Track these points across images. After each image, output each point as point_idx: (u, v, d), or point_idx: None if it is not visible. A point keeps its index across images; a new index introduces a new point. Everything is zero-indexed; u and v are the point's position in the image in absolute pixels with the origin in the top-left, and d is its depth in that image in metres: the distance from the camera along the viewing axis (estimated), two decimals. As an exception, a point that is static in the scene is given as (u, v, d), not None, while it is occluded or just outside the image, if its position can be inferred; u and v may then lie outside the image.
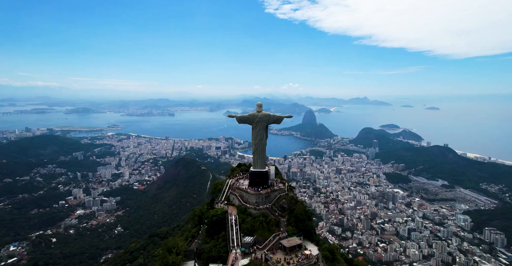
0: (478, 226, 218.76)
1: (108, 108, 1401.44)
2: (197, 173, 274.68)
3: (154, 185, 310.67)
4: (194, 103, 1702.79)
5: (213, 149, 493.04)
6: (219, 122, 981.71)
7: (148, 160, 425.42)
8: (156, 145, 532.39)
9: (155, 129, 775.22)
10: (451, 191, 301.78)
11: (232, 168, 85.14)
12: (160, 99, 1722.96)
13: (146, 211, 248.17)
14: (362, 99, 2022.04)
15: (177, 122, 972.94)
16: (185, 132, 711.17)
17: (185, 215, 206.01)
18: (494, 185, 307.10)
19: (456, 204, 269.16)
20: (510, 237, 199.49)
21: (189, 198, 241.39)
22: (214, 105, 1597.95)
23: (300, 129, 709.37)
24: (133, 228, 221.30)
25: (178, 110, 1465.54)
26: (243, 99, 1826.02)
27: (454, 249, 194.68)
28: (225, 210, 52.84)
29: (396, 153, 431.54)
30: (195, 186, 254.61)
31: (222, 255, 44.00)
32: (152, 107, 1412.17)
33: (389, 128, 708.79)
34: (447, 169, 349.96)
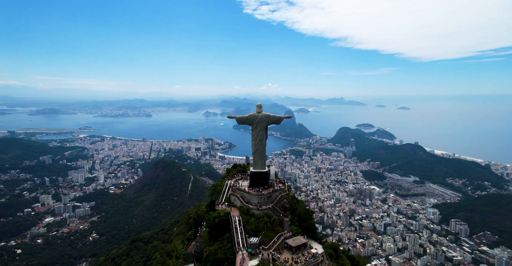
0: (445, 218, 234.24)
1: (79, 109, 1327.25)
2: (177, 175, 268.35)
3: (131, 188, 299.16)
4: (172, 104, 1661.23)
5: (193, 150, 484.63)
6: (198, 123, 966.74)
7: (124, 162, 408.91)
8: (132, 147, 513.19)
9: (131, 130, 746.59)
10: (421, 187, 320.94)
11: (228, 169, 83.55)
12: (136, 100, 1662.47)
13: (124, 216, 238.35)
14: (339, 99, 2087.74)
15: (155, 123, 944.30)
16: (163, 133, 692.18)
17: (165, 218, 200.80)
18: (458, 179, 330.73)
19: (426, 198, 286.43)
20: (472, 227, 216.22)
21: (169, 200, 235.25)
22: (193, 106, 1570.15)
23: (280, 129, 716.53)
24: (109, 234, 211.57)
25: (155, 110, 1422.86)
26: (222, 99, 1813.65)
27: (425, 241, 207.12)
28: (227, 212, 52.49)
29: (372, 151, 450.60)
30: (175, 189, 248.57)
31: (229, 257, 43.95)
32: (127, 107, 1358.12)
33: (365, 127, 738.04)
34: (418, 166, 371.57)
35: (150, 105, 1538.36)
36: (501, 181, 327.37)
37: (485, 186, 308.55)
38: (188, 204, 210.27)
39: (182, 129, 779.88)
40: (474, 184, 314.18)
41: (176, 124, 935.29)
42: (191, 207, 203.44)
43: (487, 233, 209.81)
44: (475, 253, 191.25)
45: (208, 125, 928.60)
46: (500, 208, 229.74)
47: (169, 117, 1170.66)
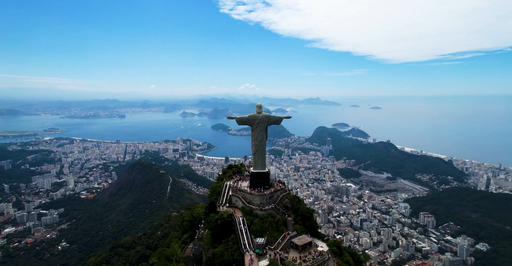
0: (415, 211, 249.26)
1: (43, 109, 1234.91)
2: (155, 177, 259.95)
3: (106, 192, 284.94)
4: (147, 104, 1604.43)
5: (170, 151, 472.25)
6: (175, 124, 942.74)
7: (97, 165, 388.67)
8: (105, 149, 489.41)
9: (103, 132, 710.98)
10: (394, 183, 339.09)
11: (224, 170, 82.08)
12: (108, 100, 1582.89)
13: (98, 222, 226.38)
14: (315, 99, 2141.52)
15: (129, 124, 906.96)
16: (138, 134, 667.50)
17: (144, 222, 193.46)
18: (425, 174, 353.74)
19: (398, 193, 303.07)
20: (438, 219, 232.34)
21: (147, 204, 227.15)
22: (169, 106, 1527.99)
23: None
24: (82, 242, 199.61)
25: (129, 111, 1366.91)
26: (200, 100, 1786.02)
27: (397, 234, 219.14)
28: (230, 213, 51.98)
29: (347, 149, 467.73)
30: (153, 191, 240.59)
31: (237, 258, 43.73)
32: (98, 108, 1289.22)
33: (340, 126, 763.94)
34: (390, 163, 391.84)
35: (124, 106, 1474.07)
36: (462, 175, 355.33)
37: (448, 180, 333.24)
38: (168, 207, 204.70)
39: (158, 130, 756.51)
40: (439, 178, 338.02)
41: (151, 125, 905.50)
42: (171, 210, 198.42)
43: (450, 224, 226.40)
44: (440, 242, 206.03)
45: (185, 125, 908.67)
46: (461, 200, 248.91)
47: (144, 118, 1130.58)
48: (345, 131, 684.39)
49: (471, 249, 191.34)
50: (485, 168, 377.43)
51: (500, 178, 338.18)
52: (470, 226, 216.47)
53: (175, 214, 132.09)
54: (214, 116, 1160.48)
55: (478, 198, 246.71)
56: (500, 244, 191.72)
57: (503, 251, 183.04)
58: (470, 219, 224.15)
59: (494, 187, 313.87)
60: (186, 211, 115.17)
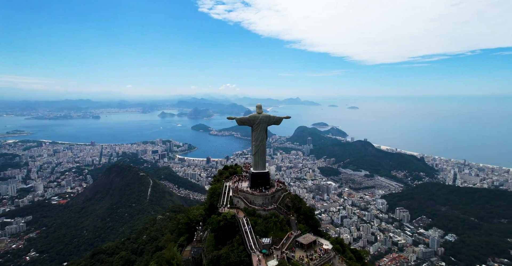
0: (391, 207, 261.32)
1: (4, 110, 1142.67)
2: (134, 180, 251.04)
3: (80, 197, 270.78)
4: (123, 104, 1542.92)
5: (150, 153, 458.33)
6: (154, 124, 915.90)
7: (69, 169, 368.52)
8: (79, 152, 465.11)
9: (76, 133, 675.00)
10: (371, 180, 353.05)
11: (220, 171, 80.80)
12: (81, 100, 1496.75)
13: (72, 228, 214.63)
14: (295, 100, 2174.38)
15: (104, 126, 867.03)
16: (114, 136, 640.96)
17: (123, 226, 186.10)
18: (400, 171, 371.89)
19: (375, 190, 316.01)
20: (412, 213, 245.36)
21: (126, 208, 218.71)
22: (147, 106, 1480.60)
23: (240, 129, 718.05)
24: (53, 251, 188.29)
25: (104, 112, 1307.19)
26: (179, 100, 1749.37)
27: (375, 229, 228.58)
28: (233, 214, 51.50)
29: (327, 148, 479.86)
30: (133, 194, 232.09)
31: (244, 259, 43.44)
32: (70, 108, 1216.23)
33: (320, 126, 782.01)
34: (367, 161, 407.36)
35: (98, 106, 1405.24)
36: (432, 171, 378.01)
37: (421, 176, 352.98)
38: (149, 210, 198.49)
39: (136, 131, 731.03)
40: (412, 175, 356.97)
41: (129, 126, 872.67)
42: (152, 213, 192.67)
43: (423, 217, 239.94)
44: (414, 235, 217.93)
45: (164, 126, 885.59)
46: (432, 195, 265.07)
47: (121, 119, 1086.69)
48: (324, 130, 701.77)
49: (441, 240, 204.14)
50: (452, 164, 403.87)
51: (465, 173, 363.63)
52: (440, 219, 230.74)
53: (161, 217, 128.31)
54: (194, 116, 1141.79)
55: (446, 192, 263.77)
56: (465, 234, 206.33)
57: (468, 241, 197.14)
58: (440, 212, 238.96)
59: (460, 182, 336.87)
60: (171, 213, 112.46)
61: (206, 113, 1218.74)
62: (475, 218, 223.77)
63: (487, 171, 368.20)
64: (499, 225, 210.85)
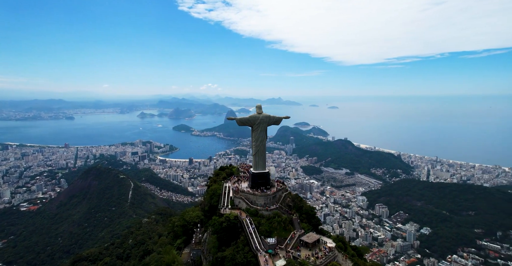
0: (371, 203, 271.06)
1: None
2: (114, 182, 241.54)
3: (53, 202, 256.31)
4: (99, 105, 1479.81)
5: (129, 155, 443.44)
6: (133, 125, 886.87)
7: (40, 173, 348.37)
8: (51, 154, 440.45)
9: (48, 135, 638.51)
10: (352, 177, 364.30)
11: (216, 172, 79.36)
12: (52, 100, 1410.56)
13: (44, 236, 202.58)
14: (277, 100, 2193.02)
15: (79, 127, 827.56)
16: (91, 137, 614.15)
17: (103, 231, 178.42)
18: (379, 169, 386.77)
19: (356, 188, 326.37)
20: (391, 209, 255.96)
21: (106, 212, 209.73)
22: (126, 107, 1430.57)
23: (222, 130, 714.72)
24: (23, 261, 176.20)
25: (79, 112, 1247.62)
26: (159, 100, 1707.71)
27: (357, 226, 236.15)
28: (236, 215, 51.03)
29: (309, 148, 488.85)
30: (113, 198, 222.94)
31: (251, 260, 43.37)
32: (40, 109, 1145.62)
33: (302, 125, 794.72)
34: (348, 159, 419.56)
35: (72, 106, 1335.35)
36: (408, 168, 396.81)
37: (398, 173, 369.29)
38: (130, 214, 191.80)
39: (114, 133, 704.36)
40: (390, 172, 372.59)
41: (106, 127, 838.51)
42: (134, 216, 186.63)
43: (401, 212, 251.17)
44: (393, 230, 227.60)
45: (144, 127, 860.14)
46: (409, 191, 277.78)
47: (98, 120, 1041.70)
48: (306, 130, 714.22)
49: (417, 234, 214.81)
50: (425, 160, 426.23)
51: (437, 169, 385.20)
52: (416, 213, 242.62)
53: (147, 221, 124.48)
54: (175, 116, 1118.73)
55: (422, 188, 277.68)
56: (438, 227, 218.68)
57: (441, 233, 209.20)
58: (416, 207, 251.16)
59: (433, 177, 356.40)
60: (157, 216, 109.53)
61: (188, 113, 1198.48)
62: (447, 211, 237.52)
63: (456, 167, 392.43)
64: (467, 217, 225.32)
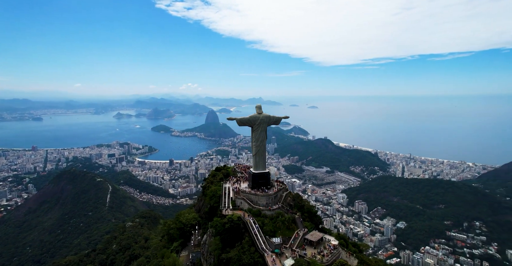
0: (351, 200, 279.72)
1: None
2: (90, 186, 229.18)
3: (20, 209, 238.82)
4: (72, 105, 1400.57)
5: (105, 157, 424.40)
6: (109, 126, 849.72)
7: (4, 178, 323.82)
8: (16, 158, 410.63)
9: (11, 138, 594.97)
10: (332, 175, 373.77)
11: (213, 173, 77.94)
12: (16, 100, 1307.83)
13: (10, 246, 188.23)
14: (258, 99, 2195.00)
15: (49, 128, 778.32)
16: (62, 139, 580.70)
17: (79, 238, 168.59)
18: (358, 166, 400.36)
19: (336, 185, 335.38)
20: (369, 205, 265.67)
21: (81, 217, 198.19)
22: (100, 107, 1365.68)
23: (203, 130, 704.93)
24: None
25: (48, 113, 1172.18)
26: (136, 100, 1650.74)
27: (338, 223, 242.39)
28: (239, 216, 50.73)
29: (291, 147, 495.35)
30: (89, 202, 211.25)
31: (258, 260, 43.37)
32: (2, 109, 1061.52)
33: (283, 125, 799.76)
34: (328, 158, 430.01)
35: (40, 107, 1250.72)
36: (385, 165, 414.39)
37: (375, 170, 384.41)
38: (109, 218, 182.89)
39: (88, 134, 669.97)
40: (368, 169, 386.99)
41: (79, 128, 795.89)
42: (113, 220, 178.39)
43: (378, 208, 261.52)
44: (372, 225, 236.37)
45: (121, 128, 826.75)
46: (386, 187, 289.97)
47: (69, 121, 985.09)
48: (287, 129, 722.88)
49: (394, 228, 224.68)
50: (400, 158, 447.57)
51: (411, 166, 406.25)
52: (393, 209, 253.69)
53: (131, 224, 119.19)
54: (154, 117, 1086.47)
55: (397, 184, 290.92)
56: (413, 220, 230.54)
57: (415, 226, 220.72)
58: (392, 202, 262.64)
59: (407, 174, 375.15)
60: (141, 219, 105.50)
61: (167, 114, 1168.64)
62: (420, 205, 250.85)
63: (427, 163, 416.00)
64: (438, 210, 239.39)
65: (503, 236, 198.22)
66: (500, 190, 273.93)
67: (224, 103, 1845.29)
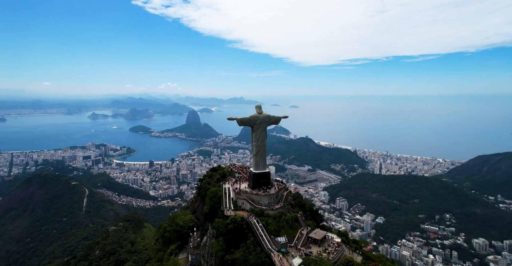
0: (332, 198, 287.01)
1: None
2: (65, 190, 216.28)
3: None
4: (39, 105, 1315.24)
5: (80, 159, 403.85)
6: (84, 127, 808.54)
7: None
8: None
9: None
10: (314, 174, 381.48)
11: (209, 173, 75.88)
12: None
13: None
14: (239, 99, 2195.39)
15: (14, 130, 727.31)
16: (30, 142, 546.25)
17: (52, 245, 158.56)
18: (338, 164, 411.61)
19: (318, 183, 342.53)
20: (350, 202, 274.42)
21: (55, 223, 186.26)
22: (73, 107, 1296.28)
23: (184, 130, 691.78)
24: None
25: (13, 113, 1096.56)
26: (113, 99, 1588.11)
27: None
28: (242, 216, 50.47)
29: (273, 146, 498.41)
30: (63, 207, 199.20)
31: (265, 260, 43.56)
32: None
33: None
34: (310, 156, 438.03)
35: (2, 106, 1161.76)
36: (364, 163, 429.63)
37: (355, 168, 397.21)
38: (86, 223, 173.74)
39: (60, 136, 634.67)
40: (348, 167, 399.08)
41: (49, 129, 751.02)
42: (91, 225, 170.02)
43: (358, 205, 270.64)
44: (352, 221, 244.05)
45: (97, 129, 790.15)
46: (365, 184, 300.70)
47: (38, 121, 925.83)
48: (269, 128, 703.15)
49: (373, 223, 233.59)
50: (378, 155, 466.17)
51: (388, 163, 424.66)
52: (372, 204, 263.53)
53: (114, 228, 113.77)
54: (132, 117, 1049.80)
55: (376, 180, 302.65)
56: (390, 215, 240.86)
57: (392, 221, 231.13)
58: (371, 199, 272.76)
59: (384, 170, 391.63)
60: (125, 223, 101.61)
61: (146, 114, 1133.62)
62: (397, 200, 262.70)
63: (403, 160, 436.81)
64: (413, 204, 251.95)
65: (469, 226, 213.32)
66: (466, 184, 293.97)
67: (205, 102, 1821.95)
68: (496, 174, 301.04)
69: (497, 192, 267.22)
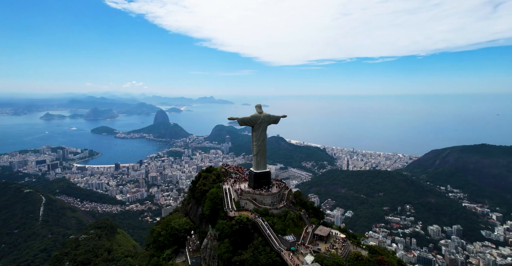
0: (305, 194, 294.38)
1: None
2: (16, 199, 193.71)
3: None
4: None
5: (33, 164, 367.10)
6: (35, 129, 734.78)
7: None
8: None
9: None
10: (286, 172, 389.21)
11: (204, 175, 71.91)
12: None
13: None
14: (209, 98, 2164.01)
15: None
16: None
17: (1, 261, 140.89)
18: (309, 162, 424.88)
19: (290, 181, 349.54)
20: (321, 198, 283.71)
21: (3, 236, 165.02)
22: (22, 107, 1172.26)
23: (152, 131, 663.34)
24: None
25: None
26: (70, 99, 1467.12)
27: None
28: (247, 216, 49.91)
29: (245, 145, 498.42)
30: (14, 218, 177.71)
31: (276, 259, 43.39)
32: None
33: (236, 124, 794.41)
34: (282, 155, 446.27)
35: None
36: (332, 159, 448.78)
37: (324, 165, 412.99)
38: (44, 233, 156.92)
39: (6, 139, 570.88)
40: (318, 164, 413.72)
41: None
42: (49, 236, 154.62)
43: (329, 200, 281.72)
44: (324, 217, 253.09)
45: (52, 130, 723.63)
46: (335, 179, 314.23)
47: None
48: (241, 128, 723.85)
49: (343, 217, 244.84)
50: (345, 152, 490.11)
51: (354, 159, 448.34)
52: (341, 199, 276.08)
53: (85, 237, 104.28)
54: (93, 118, 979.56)
55: (344, 176, 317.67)
56: (358, 209, 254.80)
57: (361, 214, 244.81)
58: (341, 194, 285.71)
59: (351, 166, 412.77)
60: (97, 230, 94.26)
61: (109, 114, 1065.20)
62: (364, 195, 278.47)
63: (368, 156, 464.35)
64: (378, 198, 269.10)
65: (426, 215, 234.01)
66: (422, 176, 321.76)
67: (173, 102, 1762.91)
68: (446, 167, 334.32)
69: (447, 183, 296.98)
